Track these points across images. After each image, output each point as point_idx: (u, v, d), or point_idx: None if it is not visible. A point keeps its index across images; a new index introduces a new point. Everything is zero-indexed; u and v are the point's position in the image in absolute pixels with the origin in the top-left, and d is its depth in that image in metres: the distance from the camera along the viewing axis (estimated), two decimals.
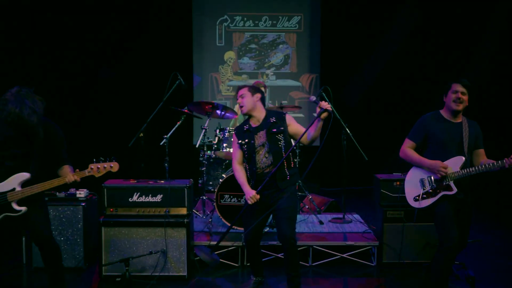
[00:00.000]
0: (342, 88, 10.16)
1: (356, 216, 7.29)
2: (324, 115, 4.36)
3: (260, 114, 4.78)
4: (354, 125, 7.28)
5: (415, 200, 4.75)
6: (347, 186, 7.10)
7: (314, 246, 6.08)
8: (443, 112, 4.78)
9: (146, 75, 10.14)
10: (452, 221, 4.57)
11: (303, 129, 4.69)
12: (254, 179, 4.70)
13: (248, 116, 4.82)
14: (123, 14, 10.21)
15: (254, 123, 4.79)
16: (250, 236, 4.74)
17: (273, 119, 4.72)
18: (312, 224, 6.80)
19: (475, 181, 4.96)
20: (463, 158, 4.65)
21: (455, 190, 4.61)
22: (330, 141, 11.35)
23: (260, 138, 4.68)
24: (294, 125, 4.76)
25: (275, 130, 4.67)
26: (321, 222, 6.85)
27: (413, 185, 4.80)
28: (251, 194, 4.60)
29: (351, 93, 10.40)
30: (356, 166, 7.72)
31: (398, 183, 6.03)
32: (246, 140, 4.72)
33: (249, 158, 4.72)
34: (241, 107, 4.80)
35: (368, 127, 10.40)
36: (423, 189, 4.71)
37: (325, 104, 4.34)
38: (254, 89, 4.79)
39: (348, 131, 6.61)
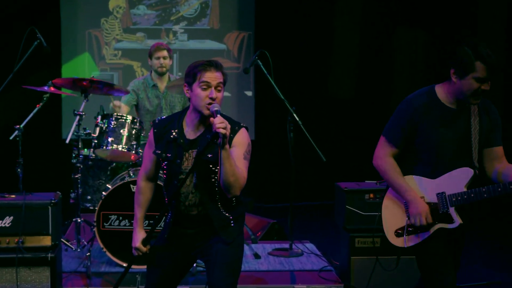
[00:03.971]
0: (286, 53, 10.25)
1: (310, 245, 7.31)
2: (219, 141, 4.13)
3: (207, 120, 4.50)
4: (306, 109, 7.31)
5: (398, 235, 4.61)
6: (295, 200, 7.10)
7: None
8: (442, 94, 4.45)
9: None
10: (447, 263, 4.44)
11: (242, 161, 4.45)
12: (173, 212, 4.51)
13: (200, 116, 4.45)
14: None
15: (192, 130, 4.50)
16: None
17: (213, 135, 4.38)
18: (245, 258, 6.78)
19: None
20: (471, 172, 4.40)
21: (457, 222, 4.38)
22: (269, 133, 11.45)
23: (190, 160, 4.45)
24: (235, 151, 4.51)
25: (210, 156, 4.42)
26: (257, 256, 6.86)
27: (394, 212, 4.61)
28: (135, 244, 4.47)
29: (301, 60, 10.51)
30: (310, 170, 7.77)
31: (371, 195, 6.06)
32: (169, 155, 4.47)
33: (167, 182, 4.51)
34: (213, 109, 4.40)
35: (328, 112, 10.59)
36: (408, 219, 4.61)
37: (216, 123, 4.08)
38: (226, 78, 4.58)
39: (297, 118, 6.63)
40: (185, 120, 4.43)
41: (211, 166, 4.28)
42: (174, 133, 4.40)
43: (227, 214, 4.37)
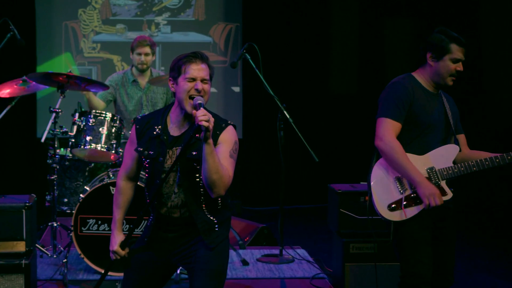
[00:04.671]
0: (276, 46, 10.29)
1: (301, 251, 7.33)
2: (201, 135, 4.10)
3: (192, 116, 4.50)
4: (297, 106, 7.33)
5: (392, 209, 4.78)
6: (286, 203, 7.13)
7: None
8: (420, 78, 4.94)
9: None
10: (425, 250, 4.75)
11: (227, 159, 4.45)
12: (153, 215, 4.52)
13: (185, 111, 4.45)
14: None
15: (176, 127, 4.50)
16: None
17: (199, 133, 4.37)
18: (232, 264, 6.82)
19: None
20: (457, 148, 4.87)
21: (450, 194, 4.76)
22: (258, 132, 11.48)
23: (174, 158, 4.45)
24: (221, 149, 4.50)
25: (195, 153, 4.42)
26: (244, 262, 6.87)
27: (385, 186, 4.84)
28: (113, 247, 4.47)
29: (292, 53, 10.53)
30: (302, 171, 7.79)
31: (367, 198, 6.01)
32: (151, 152, 4.47)
33: (149, 182, 4.51)
34: (197, 102, 4.41)
35: (320, 109, 10.63)
36: (402, 192, 4.79)
37: (198, 115, 4.07)
38: (213, 72, 4.58)
39: (287, 115, 6.65)
40: (170, 116, 4.43)
41: (195, 164, 4.26)
42: (157, 130, 4.40)
43: (211, 218, 4.36)
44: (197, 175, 4.30)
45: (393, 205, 4.77)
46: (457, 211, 4.92)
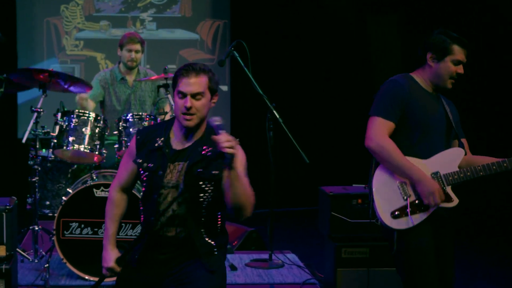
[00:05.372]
0: (265, 44, 10.32)
1: (292, 256, 7.31)
2: (224, 162, 4.03)
3: (199, 130, 4.43)
4: (287, 105, 7.29)
5: (395, 217, 4.70)
6: (275, 206, 7.09)
7: None
8: (419, 79, 4.87)
9: None
10: (432, 260, 4.66)
11: (245, 177, 4.35)
12: (147, 234, 4.38)
13: (186, 127, 4.35)
14: None
15: (179, 141, 4.39)
16: None
17: (207, 149, 4.31)
18: None
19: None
20: (462, 151, 4.80)
21: (456, 201, 4.66)
22: (247, 132, 11.51)
23: (175, 173, 4.34)
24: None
25: (201, 171, 4.31)
26: (232, 267, 6.83)
27: (388, 192, 4.71)
28: (108, 264, 4.36)
29: (281, 51, 10.57)
30: (292, 172, 7.76)
31: (360, 201, 6.07)
32: (151, 165, 4.34)
33: (146, 197, 4.37)
34: (189, 115, 4.31)
35: (311, 109, 10.70)
36: (406, 198, 4.70)
37: (221, 141, 3.98)
38: (215, 83, 4.46)
39: (277, 115, 6.62)
40: (173, 129, 4.33)
41: (201, 183, 4.20)
42: (159, 142, 4.30)
43: (209, 241, 4.28)
44: (201, 194, 4.21)
45: (396, 212, 4.66)
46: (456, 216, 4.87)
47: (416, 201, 4.64)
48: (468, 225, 9.42)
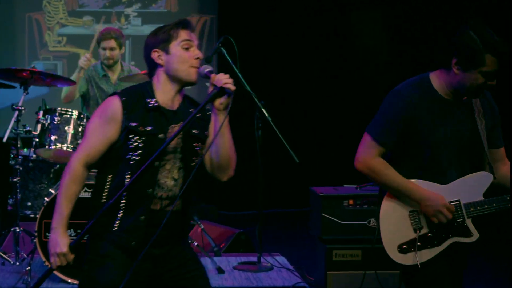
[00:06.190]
0: (254, 40, 10.34)
1: (281, 259, 7.30)
2: (222, 101, 3.94)
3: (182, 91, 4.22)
4: (277, 104, 7.26)
5: (402, 251, 4.37)
6: (264, 207, 7.05)
7: None
8: (437, 83, 4.21)
9: None
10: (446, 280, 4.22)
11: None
12: (134, 217, 4.07)
13: (179, 84, 4.12)
14: None
15: (166, 102, 4.12)
16: None
17: (193, 110, 4.06)
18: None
19: None
20: (490, 177, 4.19)
21: (476, 235, 4.16)
22: (235, 131, 11.41)
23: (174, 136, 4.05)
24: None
25: (197, 132, 4.11)
26: (220, 270, 6.83)
27: (396, 223, 4.26)
28: (61, 249, 3.98)
29: (271, 47, 10.62)
30: (281, 173, 7.71)
31: (351, 202, 6.06)
32: (150, 128, 4.01)
33: (138, 167, 3.99)
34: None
35: (301, 107, 10.71)
36: (417, 230, 4.37)
37: (221, 78, 3.89)
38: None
39: (266, 113, 6.56)
40: (156, 90, 3.96)
41: (195, 145, 3.98)
42: (152, 102, 3.92)
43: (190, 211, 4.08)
44: (194, 158, 3.98)
45: (404, 246, 4.22)
46: None
47: (428, 234, 4.21)
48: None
